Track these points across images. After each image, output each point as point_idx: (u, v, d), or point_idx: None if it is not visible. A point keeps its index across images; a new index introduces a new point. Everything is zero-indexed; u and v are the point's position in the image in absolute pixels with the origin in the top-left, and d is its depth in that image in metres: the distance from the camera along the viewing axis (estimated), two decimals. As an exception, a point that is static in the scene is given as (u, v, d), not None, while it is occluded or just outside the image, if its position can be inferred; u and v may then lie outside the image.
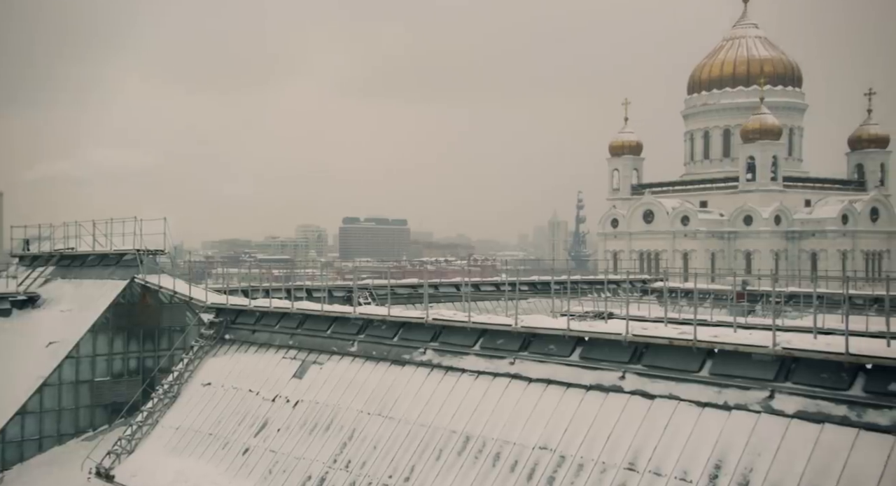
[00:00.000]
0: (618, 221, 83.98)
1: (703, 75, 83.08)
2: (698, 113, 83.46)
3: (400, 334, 16.81)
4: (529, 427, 12.87)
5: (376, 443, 14.76)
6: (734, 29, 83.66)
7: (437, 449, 13.75)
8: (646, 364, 12.45)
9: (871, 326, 15.32)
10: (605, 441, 11.80)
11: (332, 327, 18.44)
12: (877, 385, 9.97)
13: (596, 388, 12.71)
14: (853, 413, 9.93)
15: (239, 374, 19.31)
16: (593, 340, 13.42)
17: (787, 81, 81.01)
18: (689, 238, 77.85)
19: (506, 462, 12.66)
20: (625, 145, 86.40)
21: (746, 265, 73.92)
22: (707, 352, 11.84)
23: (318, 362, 17.91)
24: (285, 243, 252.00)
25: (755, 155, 75.55)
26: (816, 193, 79.05)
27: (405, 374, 15.85)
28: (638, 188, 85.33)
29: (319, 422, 16.22)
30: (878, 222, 77.07)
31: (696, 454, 10.78)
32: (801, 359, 10.81)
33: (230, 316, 21.23)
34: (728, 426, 10.84)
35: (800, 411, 10.37)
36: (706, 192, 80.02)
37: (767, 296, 25.26)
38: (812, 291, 20.65)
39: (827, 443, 9.85)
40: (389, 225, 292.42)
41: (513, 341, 14.55)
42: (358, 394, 16.19)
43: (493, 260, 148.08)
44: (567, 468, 11.90)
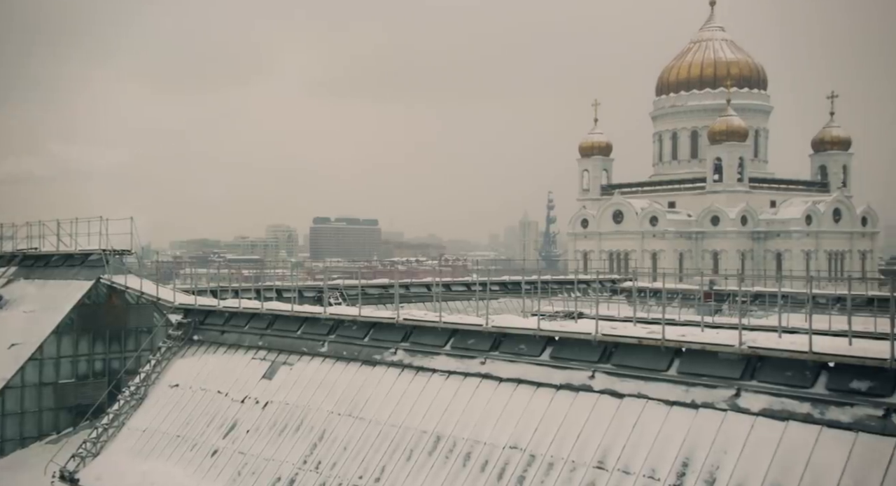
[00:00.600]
0: (588, 221, 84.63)
1: (671, 77, 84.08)
2: (666, 114, 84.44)
3: (371, 334, 16.77)
4: (500, 427, 12.92)
5: (347, 444, 14.71)
6: (701, 31, 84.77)
7: (408, 449, 13.75)
8: (615, 364, 12.57)
9: (833, 324, 15.61)
10: (575, 440, 11.88)
11: (303, 327, 18.34)
12: (839, 383, 10.17)
13: (566, 387, 12.80)
14: (816, 411, 10.12)
15: (207, 375, 19.11)
16: (563, 339, 13.51)
17: (752, 83, 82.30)
18: (657, 238, 78.72)
19: (476, 462, 12.70)
20: (594, 146, 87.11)
21: (714, 265, 74.94)
22: (675, 351, 11.98)
23: (289, 363, 17.80)
24: (255, 243, 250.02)
25: (722, 156, 76.65)
26: (781, 194, 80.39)
27: (376, 374, 15.82)
28: (608, 189, 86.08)
29: (289, 423, 16.12)
30: (840, 223, 78.62)
31: (664, 452, 10.91)
32: (767, 358, 10.99)
33: (198, 317, 21.00)
34: (695, 424, 10.98)
35: (765, 409, 10.54)
36: (674, 192, 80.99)
37: (734, 296, 25.63)
38: (777, 290, 21.03)
39: (791, 440, 10.03)
40: (360, 225, 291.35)
41: (483, 341, 14.59)
42: (328, 395, 16.13)
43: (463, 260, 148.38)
44: (537, 467, 11.97)
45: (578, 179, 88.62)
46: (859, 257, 79.19)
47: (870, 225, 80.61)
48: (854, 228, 79.05)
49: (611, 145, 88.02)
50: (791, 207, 78.05)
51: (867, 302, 21.46)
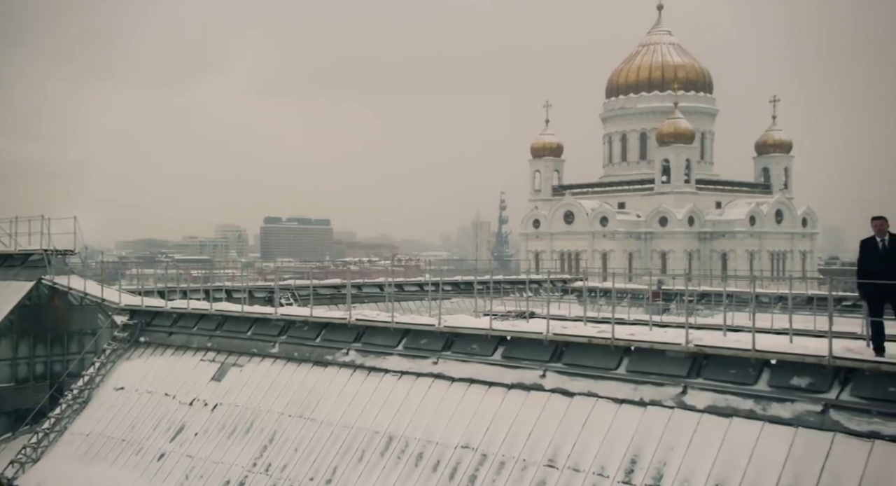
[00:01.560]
0: (539, 221, 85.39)
1: (621, 80, 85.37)
2: (616, 116, 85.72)
3: (322, 334, 16.66)
4: (452, 426, 12.97)
5: (298, 445, 14.58)
6: (649, 35, 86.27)
7: (360, 450, 13.70)
8: (566, 363, 12.72)
9: (775, 323, 16.08)
10: (526, 439, 12.00)
11: (253, 328, 18.12)
12: (780, 380, 10.48)
13: (517, 386, 12.91)
14: (759, 407, 10.41)
15: (154, 377, 18.75)
16: (515, 339, 13.62)
17: (698, 86, 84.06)
18: (607, 239, 79.86)
19: (428, 462, 12.72)
20: (546, 147, 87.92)
21: (662, 265, 76.35)
22: (624, 350, 12.19)
23: (238, 365, 17.57)
24: (204, 243, 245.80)
25: (670, 158, 78.12)
26: (726, 195, 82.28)
27: (328, 375, 15.72)
28: (559, 189, 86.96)
29: (239, 425, 15.91)
30: (782, 224, 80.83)
31: (613, 449, 11.09)
32: (712, 356, 11.26)
33: (145, 318, 20.58)
34: (643, 421, 11.19)
35: (710, 405, 10.80)
36: (624, 193, 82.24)
37: (681, 295, 26.18)
38: (722, 290, 21.53)
39: (735, 436, 10.29)
40: (312, 225, 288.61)
41: (436, 341, 14.62)
42: (279, 396, 15.97)
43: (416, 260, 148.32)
44: (489, 466, 12.04)
45: (530, 180, 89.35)
46: (800, 256, 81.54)
47: (810, 226, 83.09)
48: (795, 229, 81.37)
49: (562, 147, 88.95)
50: (735, 209, 79.95)
51: (807, 301, 22.14)
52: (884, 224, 10.50)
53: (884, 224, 10.50)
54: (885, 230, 10.50)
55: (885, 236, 10.48)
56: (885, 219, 10.54)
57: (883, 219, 10.52)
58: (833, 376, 10.08)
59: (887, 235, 10.49)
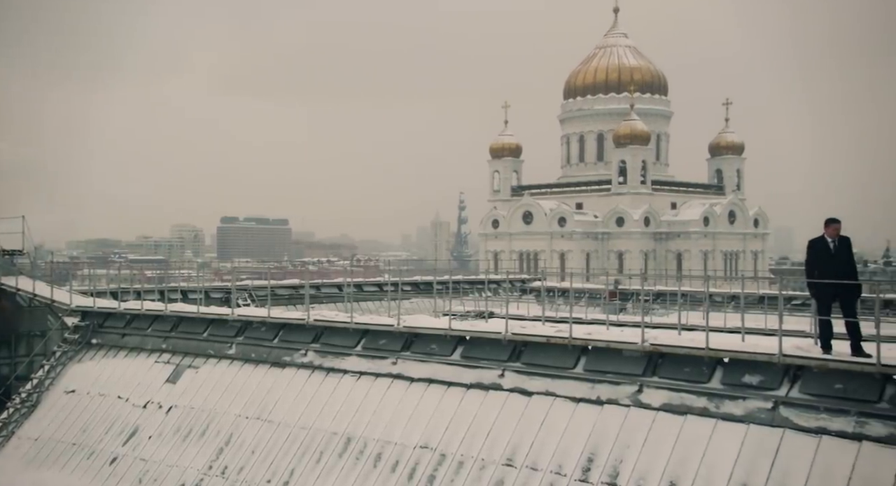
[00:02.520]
0: (498, 222, 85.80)
1: (578, 81, 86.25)
2: (574, 118, 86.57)
3: (280, 335, 16.50)
4: (411, 427, 12.97)
5: (254, 447, 14.43)
6: (606, 37, 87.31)
7: (318, 451, 13.61)
8: (524, 362, 12.81)
9: (728, 322, 16.39)
10: (485, 438, 12.05)
11: (209, 329, 17.87)
12: (733, 378, 10.70)
13: (476, 386, 12.96)
14: (712, 405, 10.61)
15: (107, 380, 18.37)
16: (474, 339, 13.67)
17: (654, 88, 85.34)
18: (565, 239, 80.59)
19: (387, 462, 12.69)
20: (505, 148, 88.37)
21: (619, 265, 77.33)
22: (582, 349, 12.32)
23: (194, 366, 17.31)
24: (159, 242, 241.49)
25: (626, 159, 79.17)
26: (681, 196, 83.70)
27: (285, 376, 15.58)
28: (518, 190, 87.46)
29: (194, 428, 15.68)
30: (735, 224, 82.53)
31: (571, 448, 11.20)
32: (667, 355, 11.44)
33: (97, 320, 20.15)
34: (600, 420, 11.32)
35: (665, 404, 10.98)
36: (582, 194, 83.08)
37: (637, 295, 26.54)
38: (677, 289, 21.90)
39: (689, 434, 10.48)
40: (270, 225, 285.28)
41: (395, 342, 14.60)
42: (236, 398, 15.78)
43: (376, 260, 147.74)
44: (447, 466, 12.07)
45: (489, 180, 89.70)
46: (752, 256, 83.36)
47: (761, 226, 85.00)
48: (747, 230, 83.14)
49: (521, 147, 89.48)
50: (690, 209, 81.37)
51: (759, 300, 22.62)
52: (838, 228, 10.83)
53: (838, 228, 10.83)
54: (838, 234, 10.83)
55: (835, 239, 10.80)
56: (840, 223, 10.87)
57: (838, 223, 10.86)
58: (783, 374, 10.33)
59: (837, 237, 10.81)
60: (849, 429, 9.42)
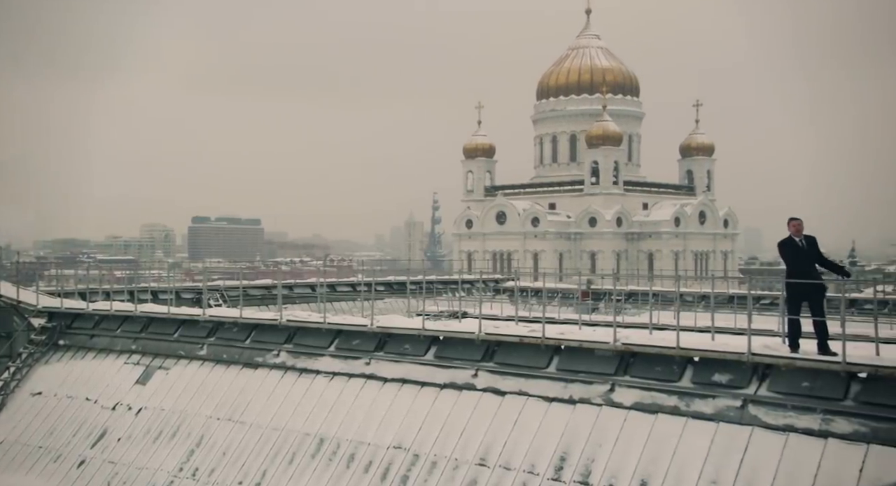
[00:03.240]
0: (472, 222, 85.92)
1: (551, 82, 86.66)
2: (547, 118, 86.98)
3: (252, 336, 16.38)
4: (384, 427, 12.95)
5: (226, 449, 14.31)
6: (578, 39, 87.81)
7: (291, 453, 13.54)
8: (497, 362, 12.85)
9: (699, 321, 16.57)
10: (458, 438, 12.07)
11: (180, 330, 17.69)
12: (703, 377, 10.83)
13: (449, 386, 12.97)
14: (682, 403, 10.74)
15: (75, 382, 18.09)
16: (447, 339, 13.69)
17: (626, 90, 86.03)
18: (538, 239, 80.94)
19: (360, 463, 12.66)
20: (478, 148, 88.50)
21: (591, 265, 77.85)
22: (554, 349, 12.39)
23: (165, 367, 17.12)
24: (129, 242, 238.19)
25: (599, 160, 79.74)
26: (653, 196, 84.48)
27: (258, 377, 15.47)
28: (491, 190, 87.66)
29: (164, 429, 15.51)
30: (705, 225, 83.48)
31: (543, 447, 11.26)
32: (639, 354, 11.55)
33: (65, 321, 19.84)
34: (573, 419, 11.40)
35: (637, 402, 11.08)
36: (555, 194, 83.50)
37: (609, 294, 26.73)
38: (649, 289, 22.12)
39: (660, 432, 10.59)
40: (242, 224, 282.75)
41: (368, 342, 14.57)
42: (207, 399, 15.64)
43: (349, 260, 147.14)
44: (420, 466, 12.07)
45: (463, 181, 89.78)
46: (721, 256, 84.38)
47: (731, 227, 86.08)
48: (717, 230, 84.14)
49: (494, 147, 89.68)
50: (661, 210, 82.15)
51: (728, 300, 22.91)
52: (800, 225, 10.98)
53: (800, 225, 10.98)
54: (801, 231, 10.99)
55: (801, 237, 10.96)
56: (801, 220, 11.03)
57: (799, 220, 11.01)
58: (752, 373, 10.48)
59: (803, 236, 10.97)
60: (815, 427, 9.59)
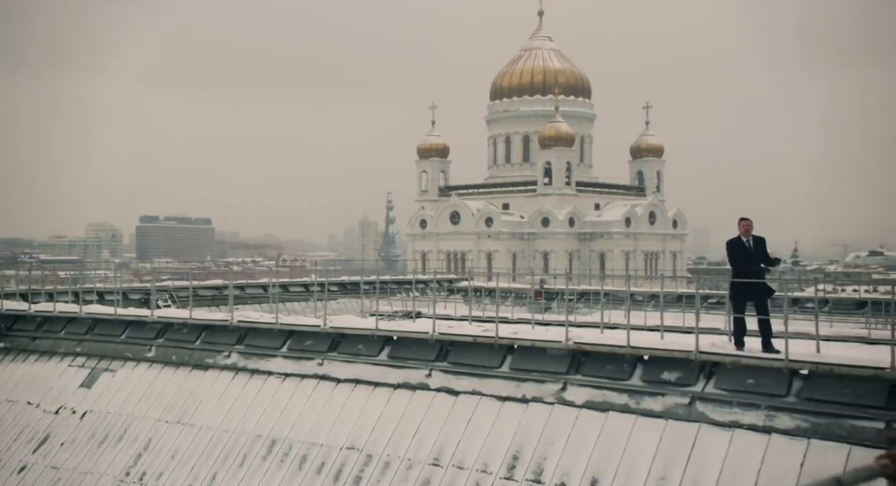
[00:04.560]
0: (426, 222, 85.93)
1: (504, 83, 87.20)
2: (500, 119, 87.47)
3: (202, 337, 16.12)
4: (337, 428, 12.87)
5: (174, 452, 14.05)
6: (531, 40, 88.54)
7: (241, 455, 13.36)
8: (451, 362, 12.88)
9: (648, 320, 16.85)
10: (412, 438, 12.06)
11: (127, 331, 17.31)
12: (652, 375, 11.02)
13: (403, 386, 12.96)
14: (633, 401, 10.91)
15: (15, 385, 17.55)
16: (401, 339, 13.67)
17: (578, 91, 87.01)
18: (492, 239, 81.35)
19: (312, 464, 12.56)
20: (432, 148, 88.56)
21: (544, 265, 78.54)
22: (508, 348, 12.47)
23: (111, 370, 16.73)
24: (74, 242, 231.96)
25: (551, 160, 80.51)
26: (604, 197, 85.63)
27: (208, 378, 15.23)
28: (445, 190, 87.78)
29: (111, 433, 15.16)
30: (655, 225, 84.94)
31: (496, 446, 11.32)
32: (590, 352, 11.70)
33: (5, 322, 19.23)
34: (525, 418, 11.49)
35: (588, 401, 11.22)
36: (508, 194, 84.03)
37: (562, 294, 27.01)
38: (600, 289, 22.40)
39: (610, 429, 10.75)
40: (192, 224, 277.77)
41: (321, 342, 14.46)
42: (155, 401, 15.33)
43: (302, 261, 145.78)
44: (373, 466, 12.02)
45: (417, 181, 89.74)
46: (671, 256, 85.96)
47: (680, 227, 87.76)
48: (667, 230, 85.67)
49: (448, 148, 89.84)
50: (613, 210, 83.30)
51: (677, 299, 23.35)
52: (750, 225, 11.26)
53: (750, 225, 11.26)
54: (750, 231, 11.26)
55: (749, 237, 11.23)
56: (751, 221, 11.31)
57: (749, 220, 11.29)
58: (699, 371, 10.70)
59: (752, 236, 11.25)
60: (759, 422, 9.84)
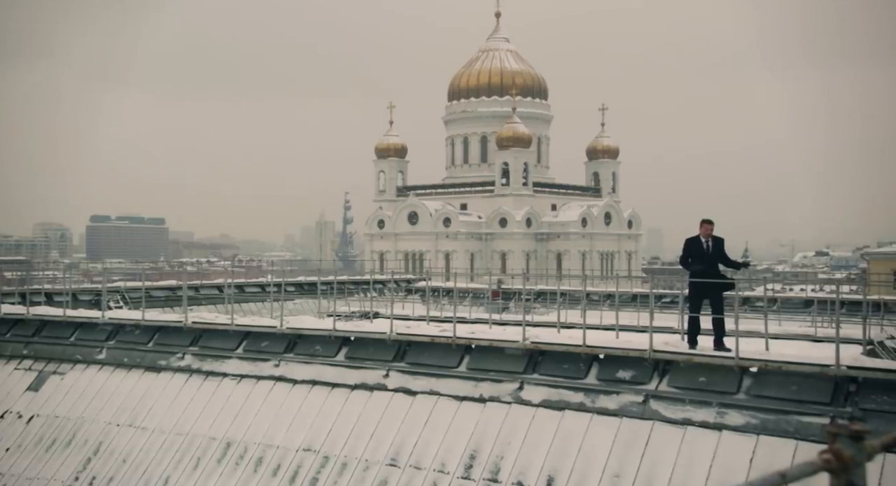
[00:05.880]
0: (384, 222, 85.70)
1: (462, 84, 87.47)
2: (458, 119, 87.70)
3: (156, 338, 15.84)
4: (294, 429, 12.76)
5: (126, 456, 13.77)
6: (488, 41, 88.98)
7: (195, 458, 13.16)
8: (409, 362, 12.88)
9: (604, 319, 17.09)
10: (369, 439, 12.03)
11: (77, 333, 16.90)
12: (607, 374, 11.17)
13: (361, 387, 12.91)
14: (588, 400, 11.04)
15: (-41, 390, 17.00)
16: (359, 339, 13.62)
17: (535, 93, 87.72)
18: (450, 239, 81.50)
19: (268, 466, 12.44)
20: (390, 148, 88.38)
21: (502, 265, 78.95)
22: (465, 348, 12.52)
23: (60, 373, 16.32)
24: (20, 242, 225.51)
25: (509, 161, 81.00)
26: (561, 198, 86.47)
27: (161, 381, 14.97)
28: (403, 190, 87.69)
29: (59, 438, 14.79)
30: (610, 225, 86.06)
31: (454, 446, 11.36)
32: (547, 352, 11.81)
33: (-51, 324, 18.61)
34: (483, 417, 11.54)
35: (545, 400, 11.33)
36: (466, 195, 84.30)
37: (519, 294, 27.21)
38: (557, 289, 22.63)
39: (566, 428, 10.86)
40: (145, 224, 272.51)
41: (278, 343, 14.33)
42: (106, 405, 15.01)
43: (258, 261, 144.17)
44: (331, 468, 11.96)
45: (375, 180, 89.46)
46: (626, 256, 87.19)
47: (634, 228, 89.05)
48: (622, 231, 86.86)
49: (406, 148, 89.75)
50: (569, 211, 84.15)
51: (632, 298, 23.71)
52: (711, 228, 11.51)
53: (711, 228, 11.51)
54: (710, 234, 11.51)
55: (708, 239, 11.48)
56: (713, 223, 11.56)
57: (711, 223, 11.54)
58: (653, 369, 10.88)
59: (711, 237, 11.50)
60: (710, 419, 10.05)
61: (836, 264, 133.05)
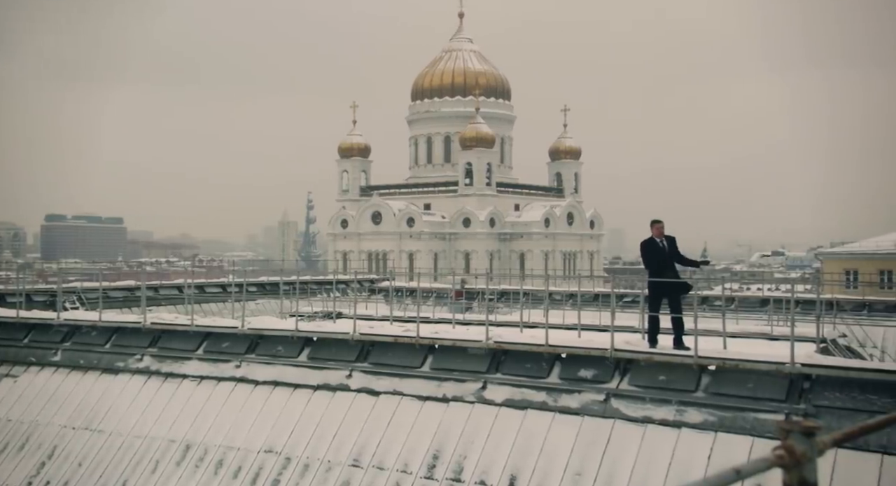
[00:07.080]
0: (347, 221, 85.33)
1: (425, 84, 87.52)
2: (421, 120, 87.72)
3: (113, 340, 15.54)
4: (255, 431, 12.64)
5: (82, 459, 13.50)
6: (451, 42, 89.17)
7: (154, 460, 12.95)
8: (372, 362, 12.84)
9: (567, 319, 17.23)
10: (332, 440, 11.96)
11: (31, 335, 16.52)
12: (569, 373, 11.27)
13: (323, 387, 12.84)
14: (550, 399, 11.13)
15: None
16: (321, 340, 13.54)
17: (498, 93, 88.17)
18: (414, 239, 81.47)
19: (229, 468, 12.29)
20: (353, 147, 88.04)
21: (465, 265, 79.12)
22: (429, 348, 12.52)
23: (12, 375, 15.94)
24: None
25: (472, 161, 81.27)
26: (524, 198, 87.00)
27: (118, 383, 14.71)
28: (366, 190, 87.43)
29: (11, 442, 14.44)
30: (573, 226, 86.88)
31: (417, 446, 11.35)
32: (510, 351, 11.87)
33: None
34: (446, 417, 11.56)
35: (507, 399, 11.38)
36: (430, 195, 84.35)
37: (482, 294, 27.30)
38: (520, 288, 22.76)
39: (529, 427, 10.93)
40: (102, 223, 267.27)
41: (239, 344, 14.17)
42: (61, 408, 14.69)
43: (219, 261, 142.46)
44: (293, 469, 11.87)
45: (338, 180, 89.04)
46: (588, 256, 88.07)
47: (596, 228, 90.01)
48: (584, 231, 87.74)
49: (369, 147, 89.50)
50: (532, 211, 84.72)
51: (594, 298, 23.94)
52: (662, 227, 11.68)
53: (662, 227, 11.68)
54: (663, 233, 11.68)
55: (662, 238, 11.65)
56: (663, 222, 11.74)
57: (661, 223, 11.71)
58: (614, 368, 11.01)
59: (664, 237, 11.67)
60: (670, 417, 10.20)
61: (792, 263, 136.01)
